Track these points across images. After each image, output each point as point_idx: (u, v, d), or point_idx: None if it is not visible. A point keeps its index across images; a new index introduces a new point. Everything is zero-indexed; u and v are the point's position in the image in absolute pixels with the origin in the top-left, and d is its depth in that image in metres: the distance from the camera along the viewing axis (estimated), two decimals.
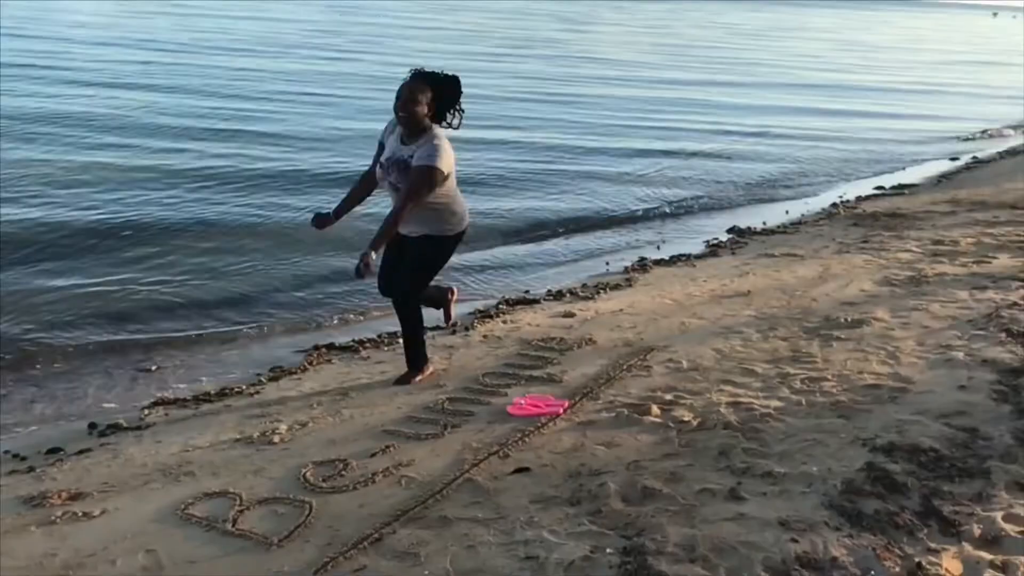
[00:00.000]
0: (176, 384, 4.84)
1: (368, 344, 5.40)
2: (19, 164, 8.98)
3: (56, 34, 19.28)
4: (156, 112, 11.90)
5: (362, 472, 3.46)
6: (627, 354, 4.78)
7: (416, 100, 4.09)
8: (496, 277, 7.09)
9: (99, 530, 3.08)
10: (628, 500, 3.16)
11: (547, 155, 11.17)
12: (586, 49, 24.94)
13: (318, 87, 14.52)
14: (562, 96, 15.94)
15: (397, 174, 4.12)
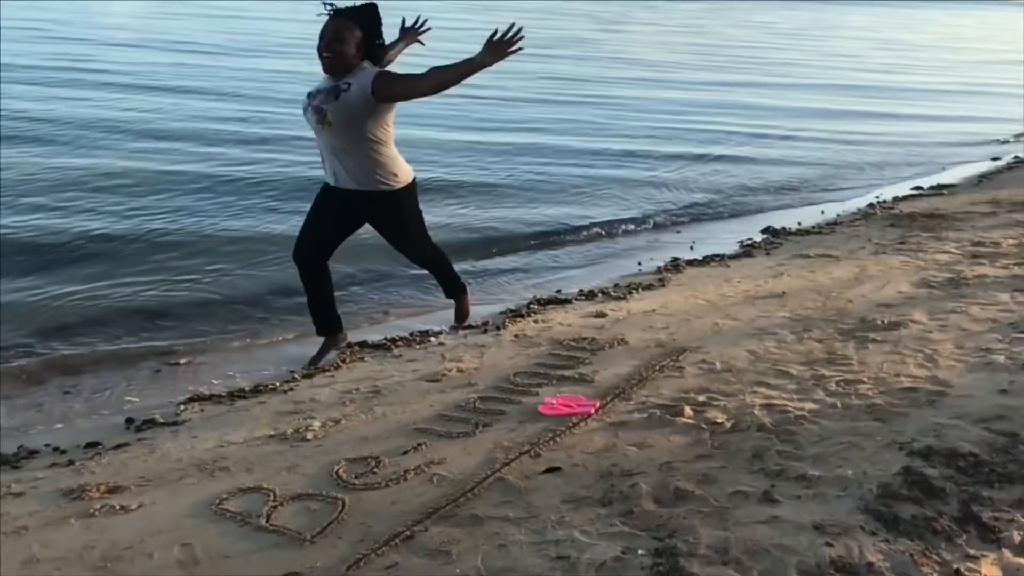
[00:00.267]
0: (211, 380, 4.89)
1: (400, 342, 5.43)
2: (55, 169, 9.11)
3: (88, 36, 19.48)
4: (188, 116, 11.95)
5: (394, 469, 3.48)
6: (659, 355, 4.76)
7: (343, 38, 4.00)
8: (527, 277, 7.09)
9: (136, 523, 3.13)
10: (660, 501, 3.14)
11: (577, 158, 11.05)
12: (618, 49, 24.76)
13: None
14: (592, 98, 15.78)
15: (324, 99, 4.09)
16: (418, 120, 12.19)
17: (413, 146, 10.58)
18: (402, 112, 4.38)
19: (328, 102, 4.02)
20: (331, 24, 4.03)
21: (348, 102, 4.08)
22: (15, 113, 11.24)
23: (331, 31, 4.01)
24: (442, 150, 10.74)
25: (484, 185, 9.48)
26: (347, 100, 4.08)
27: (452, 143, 11.19)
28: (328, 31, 4.02)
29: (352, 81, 4.07)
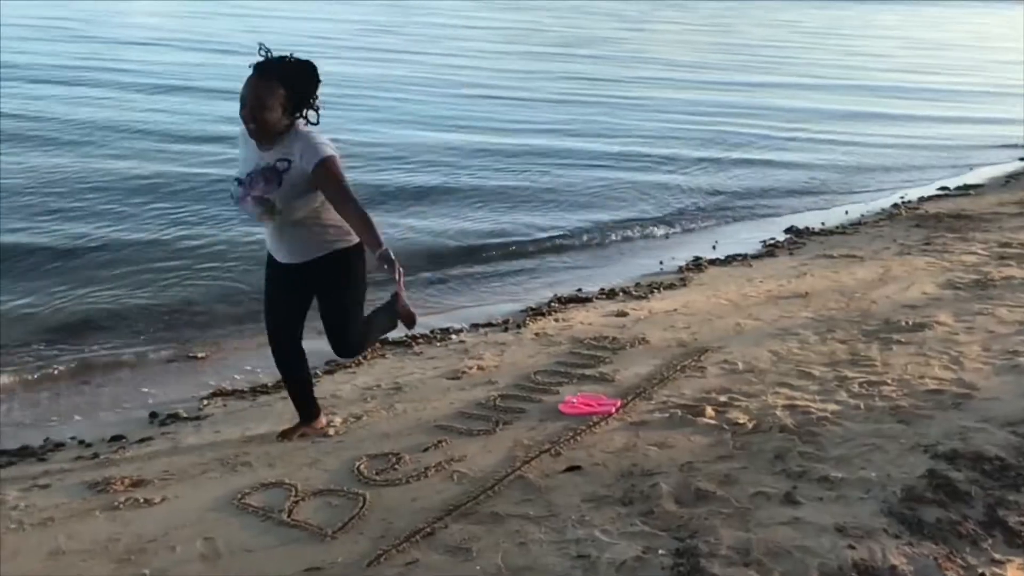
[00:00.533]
0: (233, 376, 4.93)
1: (421, 340, 5.44)
2: (77, 170, 9.17)
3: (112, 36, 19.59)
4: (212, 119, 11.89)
5: (415, 466, 3.49)
6: (681, 354, 4.74)
7: (264, 104, 3.30)
8: (547, 276, 7.08)
9: (160, 516, 3.16)
10: (681, 501, 3.13)
11: (598, 160, 10.97)
12: (642, 49, 24.61)
13: (371, 91, 14.41)
14: (614, 99, 15.67)
15: (264, 184, 3.36)
16: (438, 123, 12.19)
17: (432, 150, 10.61)
18: (419, 114, 4.34)
19: (271, 190, 3.35)
20: (251, 87, 3.32)
21: (293, 184, 3.36)
22: (39, 113, 11.34)
23: (251, 96, 3.31)
24: (462, 153, 10.70)
25: (504, 187, 9.44)
26: (292, 182, 3.36)
27: (472, 145, 11.14)
28: (248, 96, 3.32)
29: (290, 156, 3.37)
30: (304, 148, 3.37)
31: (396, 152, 10.42)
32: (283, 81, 3.33)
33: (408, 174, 9.52)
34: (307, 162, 3.34)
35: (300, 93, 3.40)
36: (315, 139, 3.41)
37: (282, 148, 3.39)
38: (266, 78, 3.32)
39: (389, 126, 11.89)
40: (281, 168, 3.37)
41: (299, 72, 3.40)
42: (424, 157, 10.25)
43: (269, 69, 3.34)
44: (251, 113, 3.32)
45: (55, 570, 2.83)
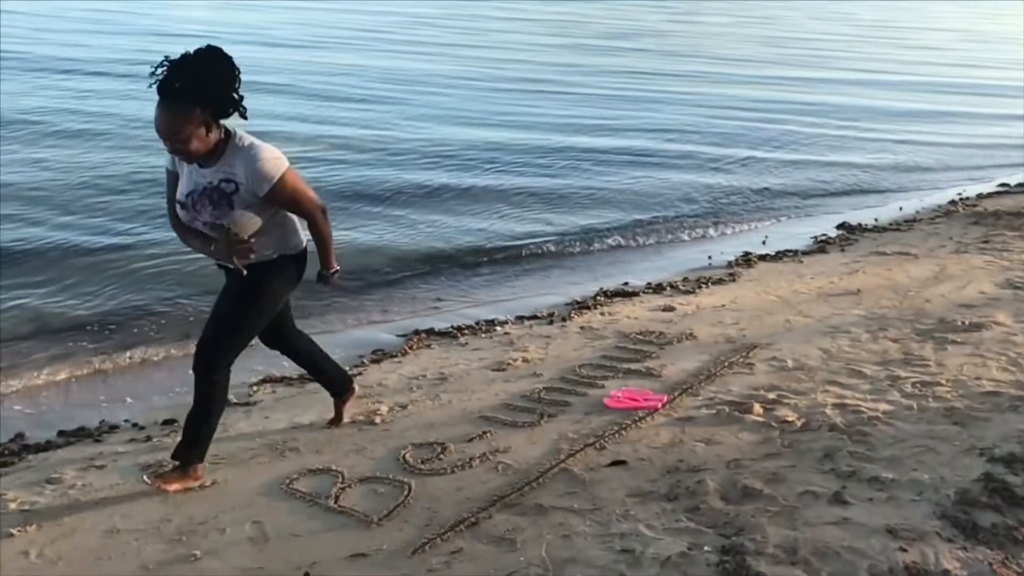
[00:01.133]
0: (282, 363, 4.97)
1: (466, 331, 5.46)
2: (122, 165, 9.34)
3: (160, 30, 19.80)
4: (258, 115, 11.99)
5: (459, 456, 3.51)
6: (729, 351, 4.69)
7: (184, 135, 2.90)
8: (592, 269, 7.05)
9: (210, 499, 3.22)
10: (727, 498, 3.10)
11: (644, 157, 10.77)
12: (690, 42, 24.20)
13: (414, 86, 14.38)
14: (663, 94, 15.32)
15: (213, 208, 3.04)
16: (480, 119, 12.11)
17: (475, 147, 10.56)
18: (461, 110, 4.26)
19: (223, 215, 3.05)
20: (162, 118, 2.91)
21: (247, 205, 3.08)
22: (96, 109, 11.54)
23: (165, 130, 2.91)
24: (506, 150, 10.57)
25: (549, 185, 9.30)
26: (244, 204, 3.07)
27: (516, 142, 11.01)
28: (162, 129, 2.92)
29: (233, 176, 3.04)
30: (248, 168, 3.02)
31: (439, 149, 10.38)
32: (194, 98, 2.89)
33: (451, 172, 9.50)
34: (257, 185, 3.04)
35: (219, 100, 2.96)
36: (258, 156, 3.04)
37: (223, 165, 3.04)
38: (175, 103, 2.88)
39: (432, 123, 11.84)
40: (228, 190, 3.04)
41: (208, 77, 2.92)
42: (467, 154, 10.21)
43: (175, 91, 2.88)
44: (171, 145, 2.95)
45: (110, 548, 2.91)
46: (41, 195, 7.90)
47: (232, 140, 3.08)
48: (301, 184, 3.21)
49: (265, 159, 3.07)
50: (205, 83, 2.92)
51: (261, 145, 3.12)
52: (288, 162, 3.16)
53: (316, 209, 3.26)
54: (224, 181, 3.05)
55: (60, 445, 3.90)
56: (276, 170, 3.09)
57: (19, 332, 5.20)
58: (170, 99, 2.88)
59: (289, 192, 3.14)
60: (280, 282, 3.30)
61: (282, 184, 3.10)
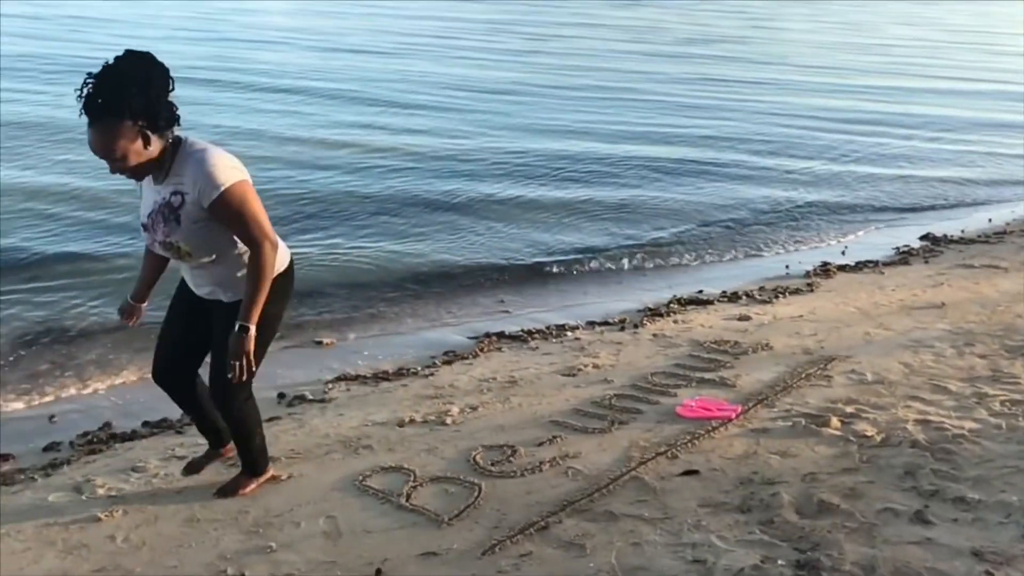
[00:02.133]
0: (357, 362, 5.08)
1: (536, 335, 5.47)
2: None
3: (238, 36, 20.19)
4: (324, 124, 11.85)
5: (529, 460, 3.52)
6: (806, 362, 4.59)
7: (116, 151, 2.66)
8: (666, 276, 6.98)
9: (286, 493, 3.29)
10: (802, 512, 3.04)
11: (721, 168, 10.49)
12: (769, 49, 23.64)
13: (487, 94, 14.35)
14: (740, 103, 14.83)
15: (164, 225, 2.80)
16: (553, 129, 12.01)
17: (544, 156, 10.50)
18: (534, 119, 4.15)
19: (172, 231, 2.79)
20: (91, 136, 2.67)
21: (193, 220, 2.79)
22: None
23: (96, 147, 2.67)
24: (579, 160, 10.45)
25: (623, 196, 9.09)
26: (191, 219, 2.79)
27: (589, 153, 10.87)
28: (96, 149, 2.68)
29: (181, 187, 2.77)
30: (196, 175, 2.74)
31: (509, 159, 10.31)
32: (120, 111, 2.62)
33: (521, 182, 9.41)
34: (203, 193, 2.73)
35: (148, 109, 2.66)
36: (207, 161, 2.75)
37: (174, 176, 2.78)
38: (102, 120, 2.63)
39: (502, 131, 11.78)
40: (176, 204, 2.77)
41: (130, 87, 2.62)
42: (538, 164, 10.11)
43: (99, 108, 2.62)
44: (113, 169, 2.72)
45: (190, 537, 3.00)
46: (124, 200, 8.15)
47: (182, 148, 2.78)
48: (254, 204, 2.80)
49: (215, 164, 2.74)
50: (130, 94, 2.62)
51: (216, 151, 2.79)
52: (248, 176, 2.82)
53: (264, 239, 2.81)
54: (173, 194, 2.78)
55: (144, 435, 4.04)
56: (226, 178, 2.73)
57: (108, 326, 5.40)
58: (98, 118, 2.62)
59: (236, 206, 2.75)
60: (273, 307, 2.98)
61: (229, 195, 2.73)
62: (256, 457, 3.30)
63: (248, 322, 2.86)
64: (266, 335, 3.03)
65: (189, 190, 2.75)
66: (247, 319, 2.86)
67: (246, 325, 2.85)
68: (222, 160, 2.77)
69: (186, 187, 2.75)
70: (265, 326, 2.97)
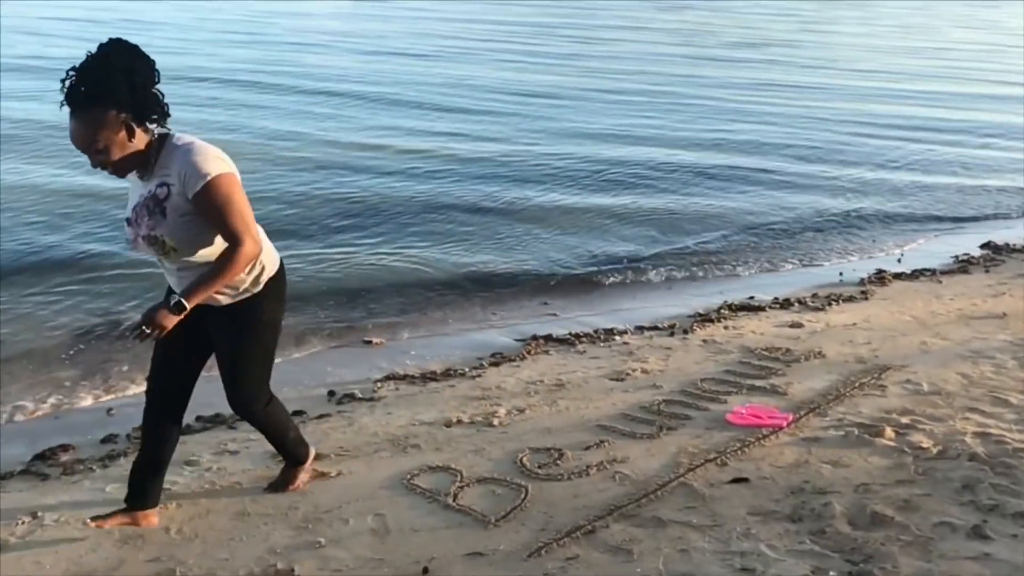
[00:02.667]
0: (405, 362, 5.12)
1: (584, 338, 5.45)
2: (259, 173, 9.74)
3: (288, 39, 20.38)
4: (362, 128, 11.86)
5: (577, 463, 3.51)
6: (860, 371, 4.50)
7: (98, 142, 2.57)
8: (716, 282, 6.91)
9: (335, 490, 3.33)
10: (855, 524, 2.98)
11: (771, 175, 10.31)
12: (819, 53, 23.16)
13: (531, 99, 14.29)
14: (790, 108, 14.57)
15: (149, 218, 2.69)
16: (598, 135, 11.88)
17: (589, 161, 10.40)
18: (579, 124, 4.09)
19: (157, 224, 2.67)
20: (73, 127, 2.57)
21: (180, 213, 2.68)
22: (224, 122, 12.07)
23: (80, 142, 2.58)
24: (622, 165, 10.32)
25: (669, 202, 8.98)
26: (177, 211, 2.68)
27: (634, 158, 10.71)
28: (77, 142, 2.59)
29: (168, 179, 2.68)
30: (182, 166, 2.65)
31: (554, 163, 10.21)
32: (105, 101, 2.54)
33: (566, 187, 9.32)
34: (188, 183, 2.64)
35: (134, 99, 2.58)
36: (195, 151, 2.67)
37: (161, 170, 2.70)
38: (85, 110, 2.54)
39: (547, 136, 11.71)
40: (161, 195, 2.68)
41: (116, 75, 2.53)
42: (583, 169, 10.02)
43: (82, 97, 2.53)
44: (93, 161, 2.62)
45: (241, 530, 3.05)
46: None
47: (169, 142, 2.71)
48: (239, 197, 2.70)
49: (201, 155, 2.66)
50: (114, 82, 2.53)
51: (203, 144, 2.72)
52: (235, 170, 2.73)
53: (246, 234, 2.68)
54: (159, 186, 2.69)
55: (198, 429, 4.11)
56: (212, 168, 2.65)
57: None
58: (79, 108, 2.54)
59: (220, 198, 2.64)
60: (274, 313, 2.95)
61: (215, 185, 2.64)
62: (294, 449, 3.33)
63: (188, 300, 2.68)
64: (269, 342, 2.99)
65: (175, 181, 2.67)
66: (188, 298, 2.68)
67: (184, 304, 2.67)
68: (209, 152, 2.70)
69: (172, 178, 2.67)
70: (267, 332, 2.95)
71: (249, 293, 2.87)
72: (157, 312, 2.67)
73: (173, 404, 3.03)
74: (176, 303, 2.66)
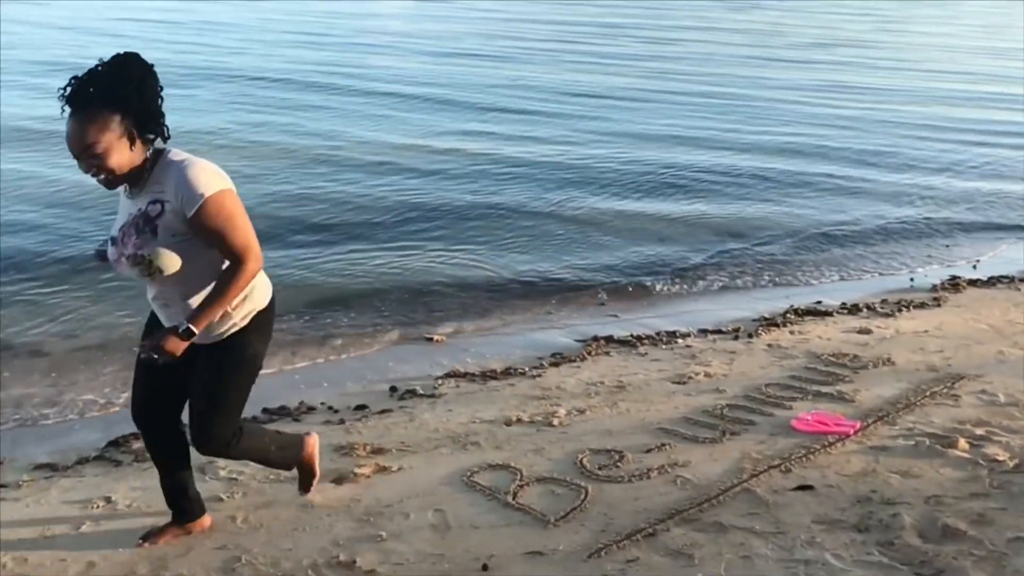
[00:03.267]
0: (466, 359, 5.15)
1: (646, 340, 5.41)
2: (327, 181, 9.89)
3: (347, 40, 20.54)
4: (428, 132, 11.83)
5: (637, 466, 3.48)
6: (931, 380, 4.38)
7: (99, 144, 2.44)
8: (783, 286, 6.78)
9: (396, 484, 3.37)
10: (925, 536, 2.90)
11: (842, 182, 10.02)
12: (898, 54, 22.49)
13: (594, 100, 14.16)
14: (863, 111, 14.17)
15: (136, 237, 2.55)
16: (661, 137, 11.71)
17: (654, 164, 10.27)
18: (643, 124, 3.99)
19: (145, 243, 2.53)
20: (74, 132, 2.45)
21: (172, 232, 2.55)
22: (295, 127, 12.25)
23: (78, 145, 2.45)
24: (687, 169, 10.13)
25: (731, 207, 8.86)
26: (170, 230, 2.55)
27: (698, 164, 10.49)
28: (74, 145, 2.46)
29: (161, 196, 2.54)
30: (179, 183, 2.51)
31: (622, 168, 10.09)
32: (113, 103, 2.45)
33: (632, 193, 9.19)
34: (185, 202, 2.50)
35: (140, 109, 2.50)
36: (191, 167, 2.54)
37: (154, 186, 2.56)
38: (87, 111, 2.44)
39: (614, 140, 11.56)
40: (153, 213, 2.54)
41: (129, 82, 2.47)
42: (650, 174, 9.91)
43: (89, 97, 2.43)
44: (88, 166, 2.48)
45: (305, 521, 3.10)
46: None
47: (163, 158, 2.58)
48: (240, 214, 2.57)
49: (198, 172, 2.53)
50: (125, 89, 2.46)
51: (199, 160, 2.58)
52: (232, 186, 2.59)
53: (249, 251, 2.58)
54: (151, 203, 2.55)
55: (264, 421, 4.20)
56: (210, 185, 2.52)
57: None
58: (84, 108, 2.43)
59: (221, 216, 2.52)
60: (260, 347, 2.80)
61: (214, 203, 2.51)
62: (286, 459, 3.12)
63: (196, 326, 2.58)
64: (247, 383, 2.82)
65: (170, 198, 2.52)
66: (196, 322, 2.58)
67: (192, 330, 2.58)
68: (206, 168, 2.56)
69: (167, 195, 2.53)
70: (248, 372, 2.79)
71: (236, 328, 2.71)
72: (166, 339, 2.58)
73: (161, 418, 2.92)
74: (184, 329, 2.58)
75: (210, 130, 10.56)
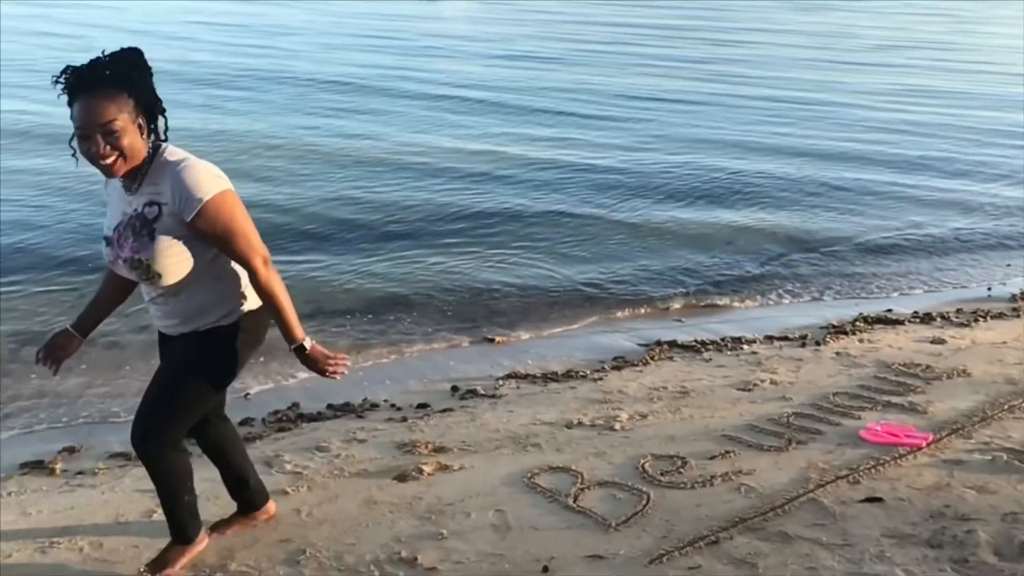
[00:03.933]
0: (527, 361, 5.15)
1: (711, 346, 5.34)
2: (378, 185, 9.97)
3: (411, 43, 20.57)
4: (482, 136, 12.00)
5: (700, 472, 3.44)
6: (1009, 392, 4.22)
7: (116, 122, 2.36)
8: (852, 292, 6.63)
9: (457, 483, 3.38)
10: (1002, 554, 2.80)
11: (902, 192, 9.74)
12: (974, 57, 21.64)
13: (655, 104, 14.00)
14: (940, 118, 13.68)
15: (133, 240, 2.47)
16: (719, 143, 11.47)
17: (713, 171, 10.08)
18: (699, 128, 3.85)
19: (142, 248, 2.46)
20: (86, 111, 2.35)
21: (171, 235, 2.47)
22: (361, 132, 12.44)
23: (90, 123, 2.35)
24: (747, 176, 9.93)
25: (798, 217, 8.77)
26: (169, 234, 2.47)
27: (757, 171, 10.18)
28: (86, 123, 2.36)
29: (158, 198, 2.46)
30: (176, 185, 2.43)
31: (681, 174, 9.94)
32: (130, 85, 2.39)
33: (693, 200, 9.04)
34: (183, 205, 2.42)
35: (149, 99, 2.46)
36: (189, 169, 2.45)
37: (150, 186, 2.48)
38: (105, 90, 2.35)
39: (674, 145, 11.37)
40: (151, 215, 2.46)
41: (138, 68, 2.42)
42: (711, 180, 9.74)
43: (103, 78, 2.36)
44: (97, 148, 2.37)
45: (368, 517, 3.14)
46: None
47: (160, 156, 2.49)
48: (241, 215, 2.50)
49: (198, 172, 2.45)
50: (140, 76, 2.42)
51: (197, 160, 2.50)
52: (232, 186, 2.51)
53: (255, 254, 2.51)
54: (148, 204, 2.47)
55: (328, 417, 4.27)
56: (209, 187, 2.44)
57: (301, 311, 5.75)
58: (101, 87, 2.35)
59: (224, 219, 2.45)
60: (238, 350, 2.66)
61: (215, 207, 2.44)
62: (182, 520, 2.81)
63: (295, 340, 2.59)
64: (214, 382, 2.68)
65: (168, 200, 2.44)
66: (293, 338, 2.59)
67: (301, 344, 2.59)
68: (203, 169, 2.48)
69: (164, 197, 2.45)
70: (218, 371, 2.67)
71: (216, 324, 2.61)
72: (311, 364, 2.62)
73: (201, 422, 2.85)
74: (297, 349, 2.60)
75: (271, 133, 10.72)
